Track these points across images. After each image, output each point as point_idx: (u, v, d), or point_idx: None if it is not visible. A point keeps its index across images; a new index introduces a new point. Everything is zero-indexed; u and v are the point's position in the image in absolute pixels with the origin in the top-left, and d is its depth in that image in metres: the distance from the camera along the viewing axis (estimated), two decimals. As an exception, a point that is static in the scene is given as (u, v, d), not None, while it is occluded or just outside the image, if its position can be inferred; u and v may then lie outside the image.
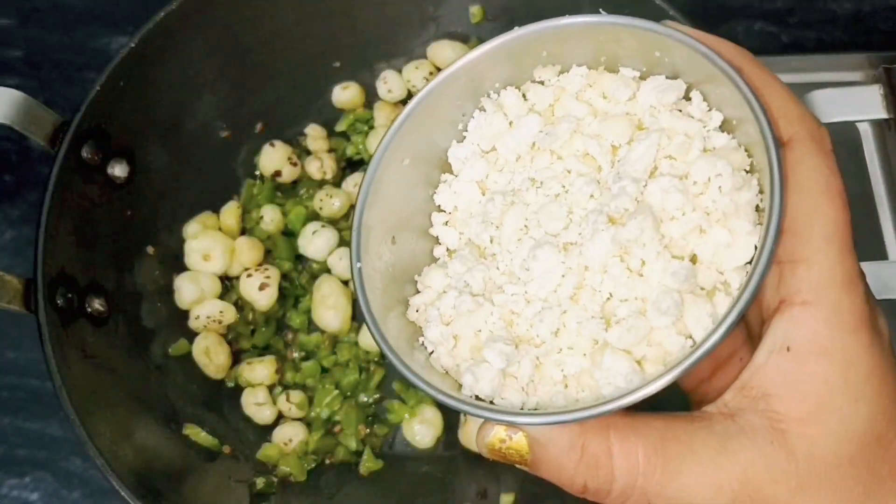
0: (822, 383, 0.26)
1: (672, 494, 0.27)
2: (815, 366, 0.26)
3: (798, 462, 0.26)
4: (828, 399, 0.26)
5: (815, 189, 0.27)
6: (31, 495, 0.57)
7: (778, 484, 0.26)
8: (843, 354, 0.26)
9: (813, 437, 0.26)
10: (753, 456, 0.26)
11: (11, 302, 0.45)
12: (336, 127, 0.60)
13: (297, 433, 0.53)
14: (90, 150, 0.49)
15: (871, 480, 0.26)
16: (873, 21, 0.67)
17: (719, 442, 0.27)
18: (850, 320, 0.26)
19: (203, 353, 0.53)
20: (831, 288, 0.26)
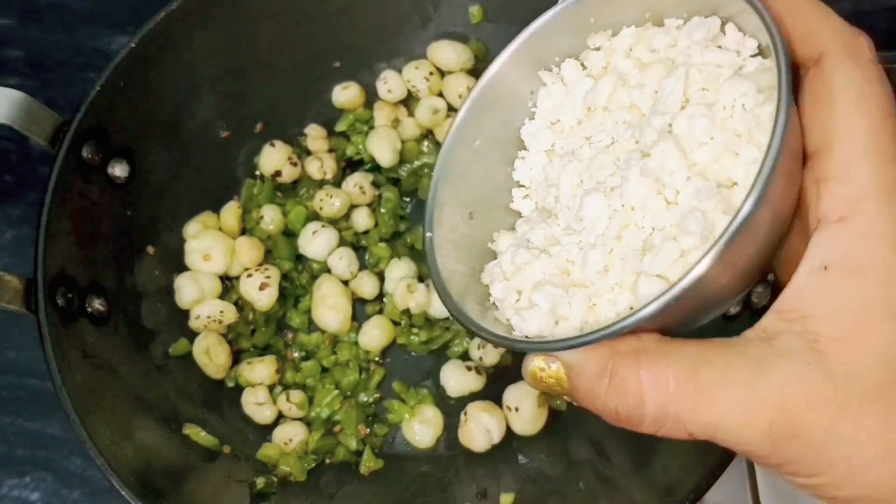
0: (860, 301, 0.25)
1: (706, 420, 0.26)
2: (851, 283, 0.25)
3: (837, 385, 0.25)
4: (865, 317, 0.25)
5: (847, 102, 0.26)
6: (31, 495, 0.57)
7: (815, 408, 0.25)
8: (881, 270, 0.25)
9: (851, 357, 0.25)
10: (789, 378, 0.25)
11: (12, 302, 0.45)
12: (336, 127, 0.60)
13: (297, 433, 0.53)
14: (90, 150, 0.49)
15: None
16: (872, 21, 0.67)
17: (754, 366, 0.26)
18: (888, 234, 0.25)
19: (203, 352, 0.53)
20: (867, 201, 0.25)
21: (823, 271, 0.26)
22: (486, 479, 0.53)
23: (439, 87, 0.59)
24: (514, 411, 0.53)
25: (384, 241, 0.58)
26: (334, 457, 0.53)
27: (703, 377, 0.26)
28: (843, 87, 0.26)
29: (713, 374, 0.26)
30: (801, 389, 0.25)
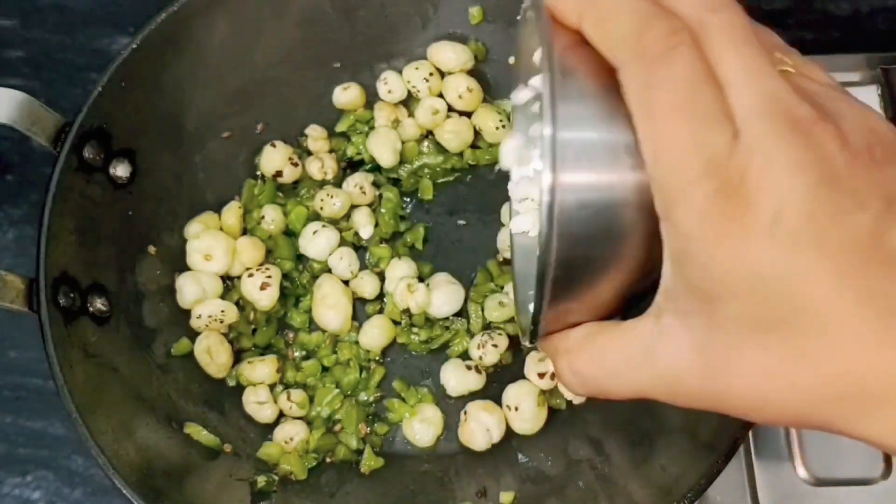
0: (694, 285, 0.27)
1: (625, 396, 0.31)
2: (681, 272, 0.27)
3: (706, 357, 0.27)
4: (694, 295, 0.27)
5: (638, 115, 0.26)
6: (32, 494, 0.57)
7: (692, 381, 0.28)
8: (686, 265, 0.26)
9: (709, 328, 0.27)
10: (670, 360, 0.28)
11: (14, 301, 0.45)
12: (336, 127, 0.60)
13: (297, 432, 0.53)
14: (92, 151, 0.50)
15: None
16: (871, 22, 0.67)
17: (644, 351, 0.28)
18: (693, 233, 0.25)
19: (204, 352, 0.53)
20: (672, 208, 0.26)
21: (670, 259, 0.27)
22: (485, 477, 0.53)
23: (439, 88, 0.59)
24: (513, 410, 0.53)
25: (384, 241, 0.59)
26: (335, 455, 0.54)
27: (609, 364, 0.30)
28: (630, 100, 0.26)
29: (616, 362, 0.30)
30: (678, 369, 0.28)
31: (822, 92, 0.27)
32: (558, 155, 0.26)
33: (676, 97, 0.25)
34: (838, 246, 0.23)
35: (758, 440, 0.55)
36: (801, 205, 0.24)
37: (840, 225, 0.23)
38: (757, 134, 0.24)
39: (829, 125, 0.25)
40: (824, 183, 0.24)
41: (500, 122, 0.58)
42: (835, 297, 0.23)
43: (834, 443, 0.54)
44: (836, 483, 0.53)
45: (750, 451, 0.54)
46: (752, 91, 0.25)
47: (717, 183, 0.24)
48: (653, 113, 0.25)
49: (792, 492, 0.54)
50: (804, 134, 0.24)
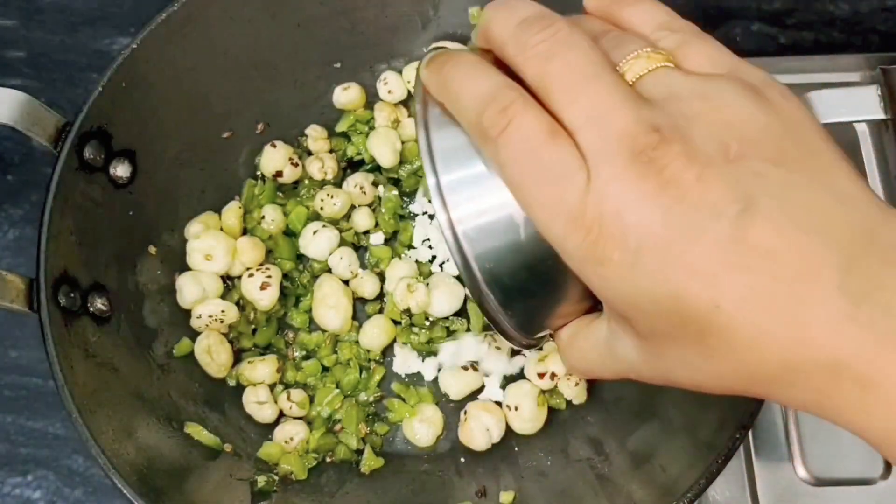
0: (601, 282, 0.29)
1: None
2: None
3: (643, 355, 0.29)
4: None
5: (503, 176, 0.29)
6: (33, 494, 0.57)
7: (641, 369, 0.30)
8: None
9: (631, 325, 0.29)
10: (623, 356, 0.30)
11: (14, 301, 0.45)
12: (337, 127, 0.61)
13: (298, 432, 0.53)
14: (92, 151, 0.50)
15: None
16: (871, 22, 0.67)
17: (606, 347, 0.31)
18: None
19: (205, 352, 0.53)
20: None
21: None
22: (485, 477, 0.53)
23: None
24: (513, 410, 0.53)
25: (384, 241, 0.59)
26: (335, 455, 0.54)
27: (589, 359, 0.32)
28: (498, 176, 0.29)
29: (593, 357, 0.32)
30: (631, 363, 0.30)
31: (685, 90, 0.27)
32: (445, 197, 0.29)
33: (522, 170, 0.27)
34: (703, 262, 0.24)
35: (758, 440, 0.55)
36: (655, 235, 0.25)
37: (698, 243, 0.24)
38: (603, 176, 0.25)
39: (674, 145, 0.25)
40: (673, 206, 0.25)
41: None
42: (716, 306, 0.25)
43: (834, 443, 0.54)
44: (836, 483, 0.53)
45: (750, 450, 0.55)
46: (593, 134, 0.26)
47: (581, 234, 0.26)
48: (511, 187, 0.28)
49: (792, 492, 0.54)
50: (647, 162, 0.25)
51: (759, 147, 0.26)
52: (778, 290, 0.24)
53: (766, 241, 0.24)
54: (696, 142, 0.25)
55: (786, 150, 0.26)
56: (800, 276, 0.24)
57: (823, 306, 0.24)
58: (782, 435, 0.55)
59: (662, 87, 0.27)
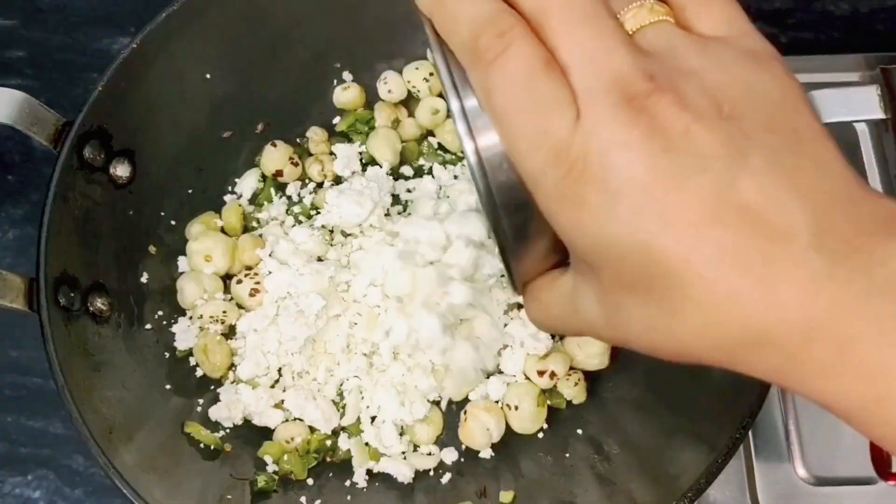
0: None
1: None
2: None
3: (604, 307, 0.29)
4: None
5: (491, 114, 0.28)
6: (33, 493, 0.57)
7: (602, 327, 0.30)
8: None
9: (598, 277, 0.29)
10: (584, 315, 0.30)
11: (14, 301, 0.45)
12: (337, 127, 0.61)
13: (298, 432, 0.53)
14: (92, 151, 0.50)
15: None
16: (871, 22, 0.67)
17: (570, 305, 0.30)
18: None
19: (202, 351, 0.53)
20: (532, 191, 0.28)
21: None
22: (485, 477, 0.53)
23: (439, 88, 0.59)
24: (513, 410, 0.53)
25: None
26: (335, 455, 0.54)
27: (553, 314, 0.32)
28: (482, 101, 0.28)
29: (556, 313, 0.32)
30: (592, 320, 0.29)
31: (684, 46, 0.27)
32: (470, 121, 0.28)
33: (511, 98, 0.26)
34: (680, 212, 0.24)
35: (758, 440, 0.55)
36: (638, 179, 0.25)
37: (679, 191, 0.24)
38: (593, 117, 0.25)
39: (667, 94, 0.25)
40: (659, 154, 0.24)
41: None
42: (686, 260, 0.24)
43: (834, 443, 0.54)
44: (836, 483, 0.53)
45: (750, 450, 0.55)
46: (588, 73, 0.26)
47: (562, 170, 0.26)
48: (495, 114, 0.27)
49: (792, 492, 0.54)
50: (638, 110, 0.25)
51: (752, 111, 0.26)
52: (753, 248, 0.24)
53: (746, 199, 0.24)
54: (690, 96, 0.25)
55: (776, 118, 0.26)
56: (777, 236, 0.24)
57: (800, 266, 0.24)
58: (782, 435, 0.55)
59: (662, 40, 0.27)
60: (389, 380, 0.53)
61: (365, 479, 0.53)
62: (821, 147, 0.26)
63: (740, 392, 0.45)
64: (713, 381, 0.48)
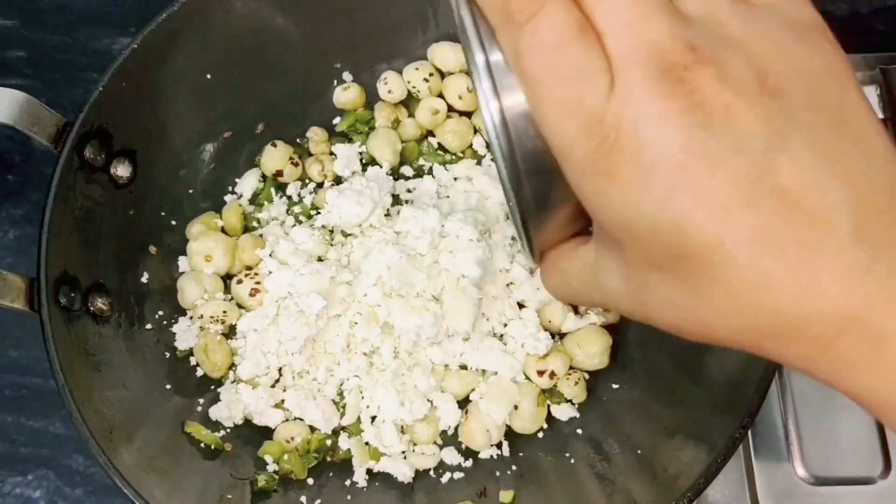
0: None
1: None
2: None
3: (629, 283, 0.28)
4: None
5: (520, 77, 0.27)
6: (33, 493, 0.57)
7: (624, 302, 0.29)
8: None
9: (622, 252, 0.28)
10: (607, 288, 0.29)
11: (15, 301, 0.45)
12: (337, 128, 0.61)
13: (299, 431, 0.53)
14: (93, 151, 0.50)
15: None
16: (870, 22, 0.67)
17: (591, 275, 0.30)
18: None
19: (202, 351, 0.54)
20: (559, 162, 0.27)
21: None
22: (485, 477, 0.53)
23: (439, 88, 0.59)
24: (513, 410, 0.53)
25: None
26: (335, 455, 0.54)
27: (571, 285, 0.31)
28: (510, 63, 0.26)
29: (576, 283, 0.31)
30: (614, 294, 0.29)
31: (728, 13, 0.25)
32: (495, 77, 0.27)
33: (543, 62, 0.25)
34: (715, 191, 0.23)
35: (757, 439, 0.55)
36: (673, 156, 0.23)
37: (715, 171, 0.23)
38: (628, 86, 0.24)
39: (708, 67, 0.24)
40: (696, 130, 0.23)
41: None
42: (719, 241, 0.23)
43: (833, 442, 0.54)
44: (836, 482, 0.54)
45: (749, 450, 0.55)
46: (624, 40, 0.24)
47: (594, 141, 0.24)
48: (525, 78, 0.26)
49: (791, 491, 0.54)
50: (676, 81, 0.24)
51: (795, 87, 0.24)
52: (790, 234, 0.23)
53: (784, 182, 0.23)
54: (732, 69, 0.24)
55: (820, 94, 0.25)
56: (815, 223, 0.23)
57: (838, 256, 0.23)
58: (782, 434, 0.55)
59: (704, 6, 0.26)
60: (389, 379, 0.53)
61: (365, 478, 0.53)
62: (865, 127, 0.25)
63: (740, 392, 0.45)
64: (713, 381, 0.48)
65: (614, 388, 0.54)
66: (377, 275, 0.52)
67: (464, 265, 0.52)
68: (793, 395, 0.55)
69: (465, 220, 0.53)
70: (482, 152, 0.60)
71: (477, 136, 0.60)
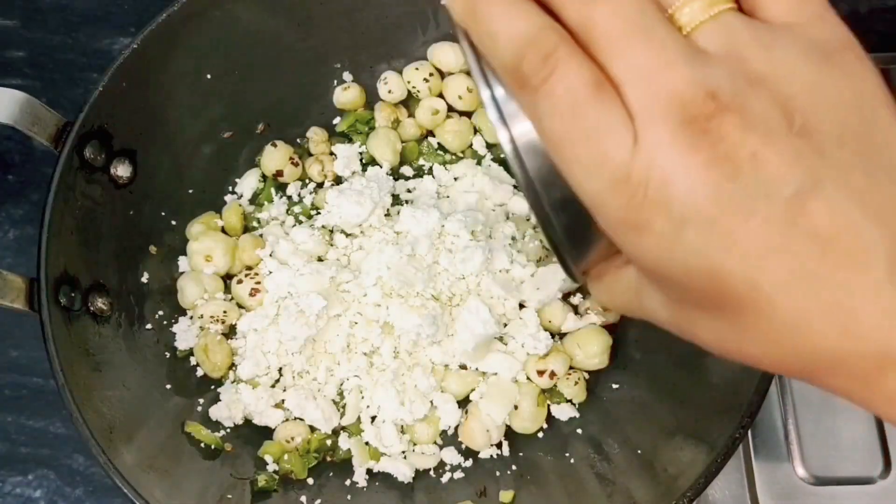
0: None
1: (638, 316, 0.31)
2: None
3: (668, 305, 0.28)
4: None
5: (536, 126, 0.27)
6: (34, 493, 0.57)
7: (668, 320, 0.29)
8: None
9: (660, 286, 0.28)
10: (651, 311, 0.29)
11: (15, 301, 0.45)
12: (337, 128, 0.61)
13: (299, 431, 0.53)
14: (93, 151, 0.50)
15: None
16: (870, 23, 0.67)
17: (635, 296, 0.30)
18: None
19: (202, 350, 0.54)
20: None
21: None
22: (485, 477, 0.53)
23: (439, 89, 0.59)
24: (513, 410, 0.53)
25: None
26: (335, 455, 0.54)
27: (617, 300, 0.31)
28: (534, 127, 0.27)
29: (621, 298, 0.31)
30: (657, 317, 0.29)
31: (748, 46, 0.25)
32: (503, 110, 0.27)
33: (562, 125, 0.25)
34: (747, 240, 0.23)
35: (757, 439, 0.55)
36: (703, 209, 0.23)
37: (746, 221, 0.23)
38: (652, 142, 0.24)
39: (732, 115, 0.23)
40: (724, 182, 0.23)
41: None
42: (755, 286, 0.24)
43: (833, 442, 0.54)
44: (836, 482, 0.54)
45: (749, 450, 0.55)
46: (643, 92, 0.24)
47: (623, 198, 0.24)
48: (548, 141, 0.25)
49: (791, 491, 0.54)
50: (700, 133, 0.23)
51: (824, 122, 0.24)
52: (825, 276, 0.23)
53: (818, 224, 0.23)
54: (756, 111, 0.23)
55: (850, 125, 0.24)
56: (849, 263, 0.23)
57: (873, 297, 0.23)
58: (782, 434, 0.55)
59: (723, 38, 0.25)
60: (389, 379, 0.53)
61: (365, 478, 0.53)
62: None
63: (740, 392, 0.45)
64: (713, 381, 0.48)
65: (614, 388, 0.54)
66: (377, 275, 0.52)
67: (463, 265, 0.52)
68: (793, 395, 0.55)
69: (465, 220, 0.53)
70: (482, 152, 0.60)
71: (477, 136, 0.60)
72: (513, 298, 0.54)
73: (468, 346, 0.52)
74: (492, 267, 0.54)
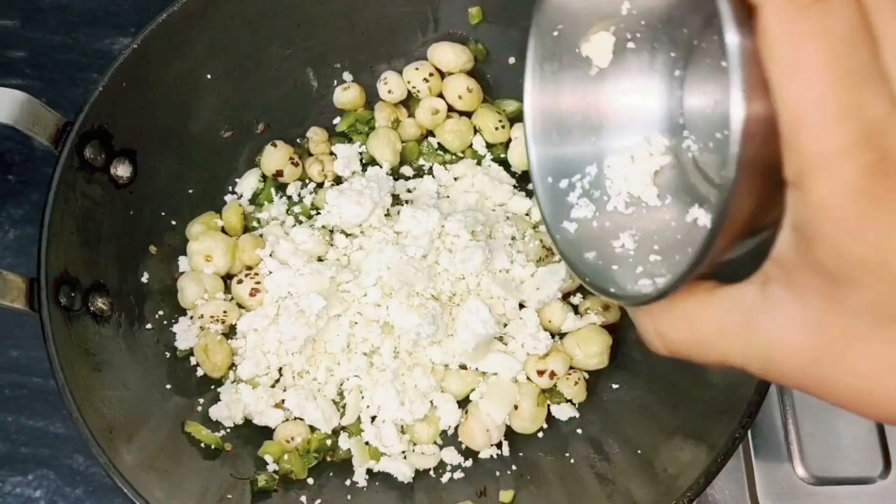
0: (816, 265, 0.24)
1: (713, 361, 0.28)
2: (807, 247, 0.24)
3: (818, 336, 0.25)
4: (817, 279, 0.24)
5: (780, 67, 0.22)
6: (34, 493, 0.57)
7: (796, 358, 0.25)
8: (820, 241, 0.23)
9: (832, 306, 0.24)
10: (774, 334, 0.25)
11: (15, 301, 0.45)
12: (337, 128, 0.61)
13: (299, 431, 0.53)
14: (93, 151, 0.50)
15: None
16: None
17: (746, 319, 0.26)
18: (831, 203, 0.22)
19: (202, 350, 0.54)
20: (807, 173, 0.22)
21: (793, 228, 0.24)
22: (485, 477, 0.53)
23: (439, 88, 0.59)
24: (513, 410, 0.53)
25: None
26: (335, 455, 0.54)
27: (699, 330, 0.27)
28: (773, 51, 0.22)
29: (708, 328, 0.27)
30: (782, 346, 0.25)
31: None
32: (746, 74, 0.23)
33: (830, 54, 0.21)
34: None
35: (757, 440, 0.55)
36: None
37: None
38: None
39: None
40: None
41: (500, 122, 0.58)
42: None
43: (833, 442, 0.54)
44: (835, 482, 0.54)
45: (749, 450, 0.55)
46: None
47: (872, 156, 0.21)
48: (797, 67, 0.22)
49: (791, 491, 0.54)
50: None
51: None
52: None
53: None
54: None
55: None
56: None
57: None
58: (782, 434, 0.55)
59: None
60: (389, 379, 0.53)
61: (365, 478, 0.53)
62: None
63: (739, 392, 0.45)
64: (713, 382, 0.48)
65: (614, 388, 0.54)
66: (377, 275, 0.52)
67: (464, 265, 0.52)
68: (793, 395, 0.55)
69: (465, 220, 0.53)
70: (482, 152, 0.60)
71: (477, 136, 0.60)
72: (513, 298, 0.54)
73: (468, 345, 0.52)
74: (492, 267, 0.54)
